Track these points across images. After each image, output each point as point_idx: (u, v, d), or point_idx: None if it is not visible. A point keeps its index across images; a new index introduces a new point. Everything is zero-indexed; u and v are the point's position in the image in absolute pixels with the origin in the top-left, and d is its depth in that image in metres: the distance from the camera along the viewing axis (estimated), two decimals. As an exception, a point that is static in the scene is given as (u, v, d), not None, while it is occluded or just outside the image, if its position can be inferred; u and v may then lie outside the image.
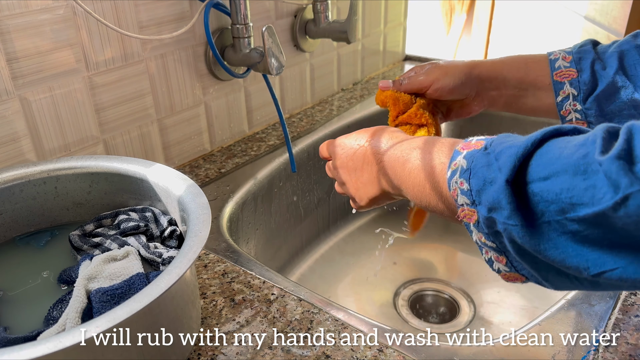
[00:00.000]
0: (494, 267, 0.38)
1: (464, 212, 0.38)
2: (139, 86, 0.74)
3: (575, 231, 0.31)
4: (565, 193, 0.31)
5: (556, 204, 0.31)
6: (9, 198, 0.53)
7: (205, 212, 0.46)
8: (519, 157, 0.34)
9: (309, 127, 0.99)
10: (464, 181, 0.37)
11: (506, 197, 0.33)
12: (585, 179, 0.30)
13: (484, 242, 0.37)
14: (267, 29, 0.73)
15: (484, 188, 0.36)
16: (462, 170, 0.38)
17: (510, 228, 0.34)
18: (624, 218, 0.28)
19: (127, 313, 0.35)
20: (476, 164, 0.37)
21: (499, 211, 0.34)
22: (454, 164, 0.39)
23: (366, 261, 0.99)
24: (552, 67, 0.59)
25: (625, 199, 0.28)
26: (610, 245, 0.30)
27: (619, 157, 0.28)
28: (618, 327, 0.50)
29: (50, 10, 0.62)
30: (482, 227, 0.37)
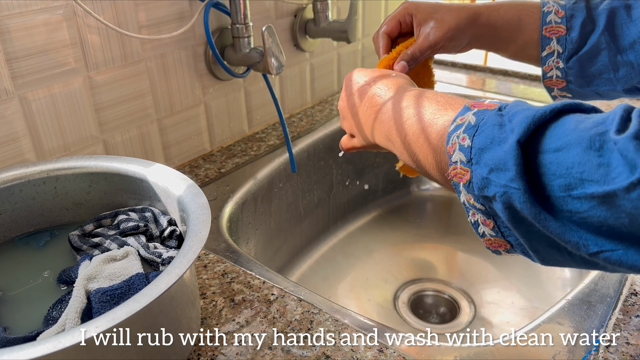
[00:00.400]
0: (479, 231, 0.37)
1: (456, 171, 0.36)
2: (138, 86, 0.74)
3: (574, 211, 0.30)
4: (576, 167, 0.30)
5: (564, 178, 0.30)
6: (8, 198, 0.53)
7: (205, 212, 0.46)
8: (534, 120, 0.32)
9: (309, 127, 0.99)
10: (466, 137, 0.36)
11: (514, 157, 0.32)
12: (600, 156, 0.29)
13: (472, 203, 0.36)
14: (267, 28, 0.73)
15: (490, 147, 0.34)
16: (468, 126, 0.36)
17: (512, 191, 0.32)
18: (636, 200, 0.27)
19: (126, 313, 0.35)
20: (486, 121, 0.35)
21: (502, 172, 0.33)
22: (460, 118, 0.37)
23: (366, 261, 0.99)
24: (543, 20, 0.59)
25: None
26: (611, 230, 0.29)
27: (636, 137, 0.27)
28: (618, 328, 0.50)
29: (50, 10, 0.62)
30: (473, 188, 0.35)
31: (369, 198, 1.09)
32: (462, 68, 1.29)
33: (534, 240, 0.34)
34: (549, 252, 0.34)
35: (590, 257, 0.31)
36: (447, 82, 1.20)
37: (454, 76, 1.24)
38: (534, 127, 0.32)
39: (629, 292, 0.55)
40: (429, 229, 1.09)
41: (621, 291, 0.55)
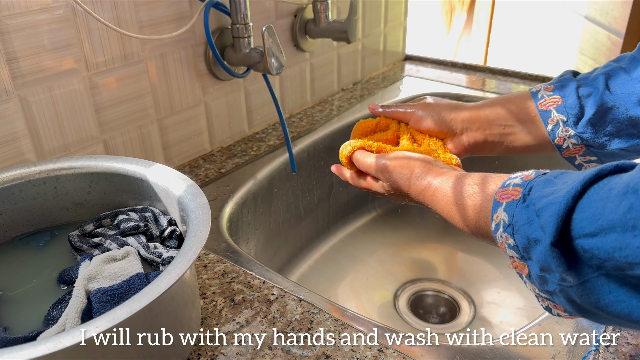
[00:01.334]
0: (553, 313, 0.37)
1: (515, 264, 0.37)
2: (138, 86, 0.74)
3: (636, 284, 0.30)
4: (618, 252, 0.29)
5: (611, 261, 0.30)
6: (8, 198, 0.53)
7: (205, 212, 0.46)
8: (560, 215, 0.32)
9: (309, 127, 0.99)
10: (508, 236, 0.36)
11: (554, 260, 0.32)
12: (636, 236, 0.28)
13: (538, 293, 0.37)
14: (267, 28, 0.73)
15: (530, 246, 0.34)
16: (504, 225, 0.36)
17: (566, 289, 0.32)
18: None
19: (126, 313, 0.35)
20: (517, 219, 0.35)
21: (550, 273, 0.33)
22: (495, 216, 0.38)
23: (366, 261, 0.99)
24: (535, 98, 0.57)
25: None
26: None
27: None
28: (618, 328, 0.50)
29: (50, 10, 0.62)
30: (535, 282, 0.35)
31: (369, 198, 1.09)
32: (462, 68, 1.29)
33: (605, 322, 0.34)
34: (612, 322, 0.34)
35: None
36: (447, 82, 1.20)
37: (454, 76, 1.24)
38: (562, 221, 0.32)
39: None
40: (429, 229, 1.09)
41: None
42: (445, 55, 2.35)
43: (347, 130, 0.98)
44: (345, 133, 0.98)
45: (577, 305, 0.33)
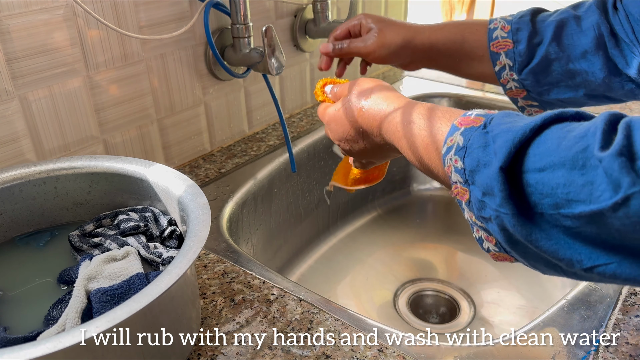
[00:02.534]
0: (484, 246, 0.37)
1: (457, 190, 0.37)
2: (138, 86, 0.74)
3: (569, 226, 0.30)
4: (561, 188, 0.30)
5: (551, 197, 0.30)
6: (8, 198, 0.53)
7: (205, 212, 0.46)
8: (515, 143, 0.32)
9: (309, 127, 0.99)
10: (458, 159, 0.36)
11: (498, 184, 0.32)
12: (583, 174, 0.29)
13: (474, 221, 0.37)
14: (267, 28, 0.73)
15: (478, 169, 0.35)
16: (457, 148, 0.37)
17: (502, 216, 0.33)
18: (623, 219, 0.27)
19: (127, 313, 0.35)
20: (472, 142, 0.36)
21: (491, 197, 0.33)
22: (450, 139, 0.38)
23: (366, 261, 0.99)
24: (489, 37, 0.61)
25: (626, 199, 0.27)
26: (604, 243, 0.29)
27: (620, 153, 0.27)
28: (618, 327, 0.50)
29: (50, 10, 0.62)
30: (474, 207, 0.36)
31: (369, 198, 1.09)
32: (462, 68, 1.28)
33: (532, 259, 0.34)
34: (546, 270, 0.34)
35: (586, 273, 0.31)
36: (447, 82, 1.20)
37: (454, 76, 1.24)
38: (515, 150, 0.32)
39: (629, 292, 0.55)
40: (429, 229, 1.09)
41: (621, 291, 0.55)
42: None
43: (347, 130, 0.98)
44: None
45: (508, 235, 0.33)
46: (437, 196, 1.15)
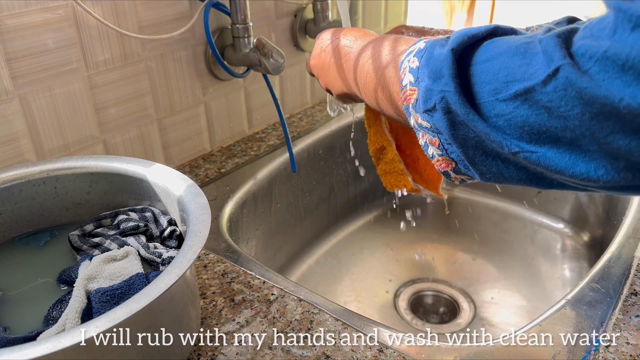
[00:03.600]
0: (429, 152, 0.39)
1: (405, 94, 0.38)
2: (138, 86, 0.74)
3: (500, 114, 0.32)
4: (502, 72, 0.31)
5: (491, 83, 0.32)
6: (8, 198, 0.53)
7: (205, 212, 0.46)
8: (469, 35, 0.35)
9: (309, 127, 0.99)
10: (416, 59, 0.38)
11: (448, 63, 0.34)
12: (524, 58, 0.31)
13: (420, 123, 0.38)
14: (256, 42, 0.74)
15: (431, 61, 0.36)
16: (418, 50, 0.38)
17: (446, 94, 0.34)
18: (551, 93, 0.29)
19: (126, 313, 0.35)
20: (434, 44, 0.37)
21: (439, 79, 0.35)
22: (413, 46, 0.40)
23: (366, 261, 0.99)
24: None
25: (556, 71, 0.28)
26: (532, 131, 0.31)
27: (559, 35, 0.29)
28: (618, 327, 0.50)
29: (50, 10, 0.62)
30: (420, 104, 0.37)
31: (369, 198, 1.09)
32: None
33: (470, 147, 0.35)
34: (483, 161, 0.35)
35: (513, 156, 0.33)
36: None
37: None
38: (469, 41, 0.35)
39: (629, 292, 0.55)
40: (429, 229, 1.09)
41: (621, 291, 0.55)
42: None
43: (347, 130, 0.98)
44: (346, 133, 0.98)
45: (451, 119, 0.35)
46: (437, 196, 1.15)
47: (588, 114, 0.28)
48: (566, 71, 0.28)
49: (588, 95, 0.27)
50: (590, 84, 0.27)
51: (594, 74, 0.27)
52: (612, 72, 0.26)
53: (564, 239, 0.97)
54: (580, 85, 0.27)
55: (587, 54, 0.27)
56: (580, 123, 0.28)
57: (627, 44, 0.25)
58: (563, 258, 0.95)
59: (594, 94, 0.27)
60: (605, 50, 0.26)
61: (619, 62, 0.25)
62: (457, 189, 1.14)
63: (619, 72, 0.26)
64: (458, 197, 1.13)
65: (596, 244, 0.90)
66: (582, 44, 0.28)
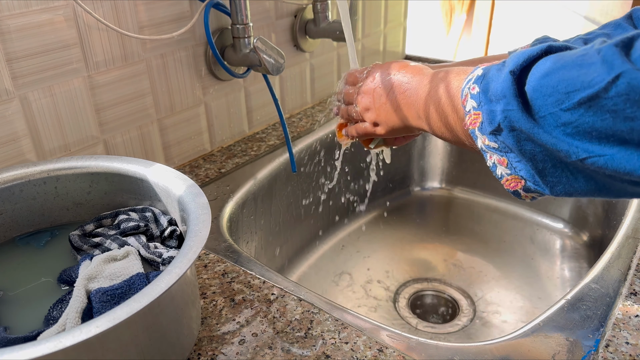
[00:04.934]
0: (497, 173, 0.40)
1: (470, 119, 0.40)
2: (139, 86, 0.74)
3: (567, 123, 0.33)
4: (562, 84, 0.33)
5: (553, 96, 0.33)
6: (9, 198, 0.53)
7: (205, 212, 0.46)
8: (525, 57, 0.36)
9: (309, 127, 0.99)
10: (476, 86, 0.40)
11: (508, 84, 0.36)
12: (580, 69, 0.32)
13: (487, 144, 0.40)
14: (257, 40, 0.74)
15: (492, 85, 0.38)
16: (477, 77, 0.40)
17: (510, 113, 0.36)
18: (615, 98, 0.30)
19: (127, 313, 0.35)
20: (491, 70, 0.39)
21: (501, 101, 0.37)
22: (471, 74, 0.42)
23: (366, 261, 0.99)
24: None
25: (617, 77, 0.30)
26: (599, 135, 0.32)
27: (617, 45, 0.30)
28: (618, 327, 0.50)
29: (50, 10, 0.62)
30: (485, 126, 0.39)
31: (369, 198, 1.09)
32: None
33: (539, 161, 0.37)
34: (552, 173, 0.37)
35: (581, 163, 0.34)
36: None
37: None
38: (525, 63, 0.36)
39: (629, 292, 0.55)
40: (429, 229, 1.09)
41: (621, 291, 0.55)
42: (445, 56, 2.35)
43: (347, 130, 0.98)
44: (345, 133, 0.98)
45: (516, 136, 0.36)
46: (437, 196, 1.15)
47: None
48: (628, 77, 0.29)
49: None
50: None
51: None
52: None
53: (564, 239, 0.97)
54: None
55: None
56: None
57: None
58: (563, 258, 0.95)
59: None
60: None
61: None
62: (456, 189, 1.14)
63: None
64: (458, 197, 1.13)
65: (596, 244, 0.90)
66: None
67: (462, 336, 0.84)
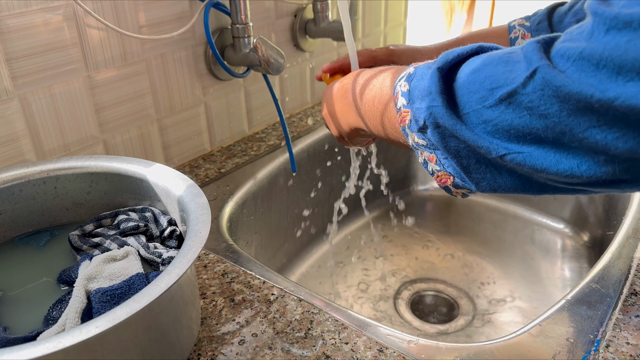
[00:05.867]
0: (429, 169, 0.40)
1: (401, 116, 0.40)
2: (138, 86, 0.74)
3: (488, 120, 0.33)
4: (487, 81, 0.33)
5: (478, 93, 0.34)
6: (8, 198, 0.53)
7: (205, 212, 0.46)
8: (455, 55, 0.37)
9: (309, 127, 0.99)
10: (407, 84, 0.40)
11: (435, 80, 0.36)
12: (506, 65, 0.32)
13: (417, 141, 0.40)
14: (257, 39, 0.74)
15: (419, 83, 0.38)
16: (408, 75, 0.41)
17: (434, 109, 0.36)
18: (531, 94, 0.30)
19: (127, 313, 0.35)
20: (422, 68, 0.40)
21: (427, 97, 0.37)
22: (404, 72, 0.42)
23: (366, 261, 0.99)
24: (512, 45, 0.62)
25: (533, 72, 0.30)
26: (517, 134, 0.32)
27: (538, 41, 0.31)
28: (618, 327, 0.50)
29: (50, 10, 0.62)
30: (413, 123, 0.39)
31: (369, 198, 1.09)
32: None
33: (463, 157, 0.37)
34: (477, 169, 0.37)
35: (501, 160, 0.34)
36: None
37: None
38: (454, 60, 0.36)
39: (629, 292, 0.55)
40: (429, 229, 1.09)
41: (621, 291, 0.55)
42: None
43: (347, 130, 0.98)
44: (345, 133, 0.98)
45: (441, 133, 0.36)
46: (437, 196, 1.15)
47: (565, 111, 0.29)
48: (543, 72, 0.30)
49: (563, 92, 0.29)
50: (565, 82, 0.28)
51: (570, 73, 0.28)
52: (588, 71, 0.28)
53: (564, 239, 0.97)
54: (556, 83, 0.29)
55: (565, 55, 0.29)
56: (559, 120, 0.30)
57: (600, 44, 0.27)
58: (563, 258, 0.95)
59: (569, 91, 0.28)
60: (581, 51, 0.28)
61: (593, 61, 0.27)
62: (457, 189, 1.14)
63: (594, 71, 0.27)
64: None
65: (596, 244, 0.90)
66: (562, 47, 0.30)
67: (462, 336, 0.84)
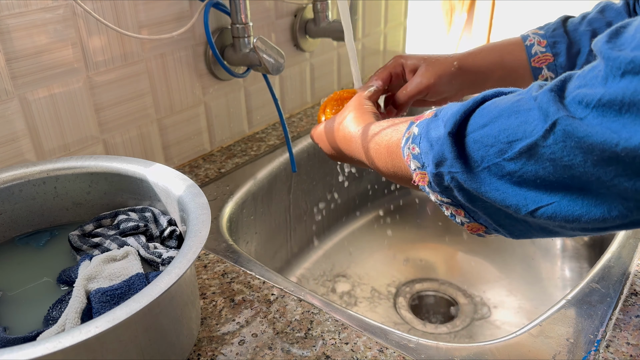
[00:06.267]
0: (457, 220, 0.40)
1: (418, 177, 0.40)
2: (138, 86, 0.74)
3: (512, 172, 0.33)
4: (502, 134, 0.33)
5: (495, 146, 0.33)
6: (8, 198, 0.53)
7: (205, 212, 0.46)
8: (460, 113, 0.36)
9: (309, 127, 0.99)
10: (415, 146, 0.40)
11: (448, 147, 0.36)
12: (519, 117, 0.32)
13: (440, 199, 0.40)
14: (257, 40, 0.74)
15: (432, 147, 0.38)
16: (414, 137, 0.40)
17: (456, 177, 0.36)
18: (553, 146, 0.30)
19: (126, 313, 0.35)
20: (426, 128, 0.39)
21: (444, 163, 0.37)
22: (407, 132, 0.42)
23: (366, 261, 0.99)
24: (528, 53, 0.62)
25: (553, 125, 0.29)
26: (544, 183, 0.32)
27: (552, 90, 0.30)
28: (619, 327, 0.50)
29: (50, 10, 0.62)
30: (434, 185, 0.39)
31: (369, 198, 1.09)
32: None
33: (494, 213, 0.37)
34: (509, 222, 0.37)
35: (532, 217, 0.33)
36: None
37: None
38: (461, 119, 0.36)
39: (629, 292, 0.55)
40: (429, 229, 1.09)
41: (621, 291, 0.55)
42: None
43: (347, 130, 0.98)
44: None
45: (466, 193, 0.37)
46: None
47: (590, 161, 0.29)
48: (563, 123, 0.29)
49: (587, 143, 0.28)
50: (588, 132, 0.28)
51: (590, 119, 0.28)
52: (610, 116, 0.27)
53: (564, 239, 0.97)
54: (579, 135, 0.28)
55: (584, 102, 0.28)
56: (585, 170, 0.29)
57: (619, 89, 0.26)
58: (563, 258, 0.95)
59: (592, 142, 0.28)
60: (600, 97, 0.27)
61: (615, 107, 0.27)
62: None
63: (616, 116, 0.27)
64: (458, 197, 1.13)
65: (596, 244, 0.90)
66: (578, 93, 0.29)
67: (462, 336, 0.84)
